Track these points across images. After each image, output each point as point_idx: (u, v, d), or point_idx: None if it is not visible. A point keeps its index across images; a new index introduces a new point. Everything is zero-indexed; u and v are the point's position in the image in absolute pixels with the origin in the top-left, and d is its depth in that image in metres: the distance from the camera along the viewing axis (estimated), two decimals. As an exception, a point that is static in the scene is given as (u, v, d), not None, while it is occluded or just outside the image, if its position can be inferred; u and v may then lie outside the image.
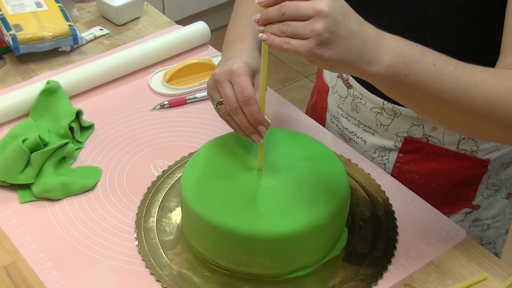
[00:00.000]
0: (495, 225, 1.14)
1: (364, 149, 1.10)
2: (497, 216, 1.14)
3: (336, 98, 1.12)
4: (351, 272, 0.88)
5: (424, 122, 1.02)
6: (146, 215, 0.96)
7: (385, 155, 1.08)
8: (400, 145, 1.06)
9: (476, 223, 1.12)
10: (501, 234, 1.18)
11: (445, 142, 1.03)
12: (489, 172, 1.06)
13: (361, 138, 1.10)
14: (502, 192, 1.11)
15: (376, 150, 1.09)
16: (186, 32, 1.30)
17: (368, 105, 1.05)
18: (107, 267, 0.89)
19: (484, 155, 1.04)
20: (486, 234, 1.14)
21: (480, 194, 1.09)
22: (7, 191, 1.00)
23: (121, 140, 1.10)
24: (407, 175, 1.08)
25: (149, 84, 1.22)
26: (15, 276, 0.88)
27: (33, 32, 1.24)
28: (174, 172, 1.03)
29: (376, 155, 1.09)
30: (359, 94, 1.06)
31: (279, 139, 0.95)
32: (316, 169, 0.90)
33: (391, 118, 1.04)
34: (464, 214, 1.10)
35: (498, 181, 1.09)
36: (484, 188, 1.08)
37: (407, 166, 1.07)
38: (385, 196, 0.99)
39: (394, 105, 1.02)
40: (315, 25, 0.70)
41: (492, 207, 1.12)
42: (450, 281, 0.88)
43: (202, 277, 0.87)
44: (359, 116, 1.08)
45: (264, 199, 0.86)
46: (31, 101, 1.13)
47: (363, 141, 1.10)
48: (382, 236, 0.93)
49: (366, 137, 1.09)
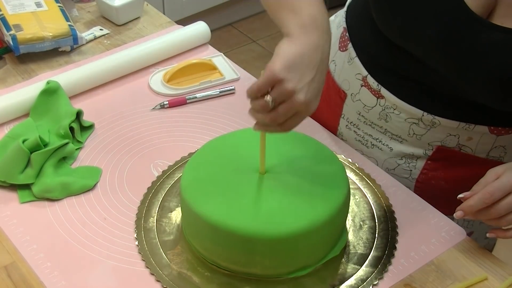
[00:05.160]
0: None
1: (390, 156, 1.08)
2: None
3: (358, 106, 1.08)
4: (351, 272, 0.88)
5: (461, 132, 1.00)
6: (146, 215, 0.96)
7: (412, 162, 1.06)
8: (430, 153, 1.04)
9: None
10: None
11: (477, 151, 1.02)
12: None
13: (387, 145, 1.07)
14: None
15: (403, 157, 1.06)
16: (186, 32, 1.30)
17: (403, 115, 1.02)
18: (107, 267, 0.89)
19: (510, 159, 1.03)
20: None
21: None
22: (7, 191, 1.00)
23: (121, 140, 1.10)
24: (432, 180, 1.06)
25: (149, 84, 1.22)
26: (15, 276, 0.88)
27: (33, 32, 1.24)
28: (174, 172, 1.03)
29: (402, 161, 1.07)
30: (392, 105, 1.02)
31: (279, 139, 0.95)
32: (316, 169, 0.90)
33: (427, 128, 1.01)
34: None
35: None
36: None
37: (434, 173, 1.06)
38: (385, 196, 0.99)
39: (434, 117, 0.99)
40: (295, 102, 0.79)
41: None
42: (450, 281, 0.88)
43: (202, 277, 0.87)
44: (388, 125, 1.05)
45: (264, 199, 0.86)
46: (31, 101, 1.13)
47: (389, 148, 1.07)
48: (382, 236, 0.93)
49: (393, 145, 1.06)
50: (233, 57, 1.37)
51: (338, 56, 1.11)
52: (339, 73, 1.11)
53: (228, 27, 3.09)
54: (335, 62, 1.12)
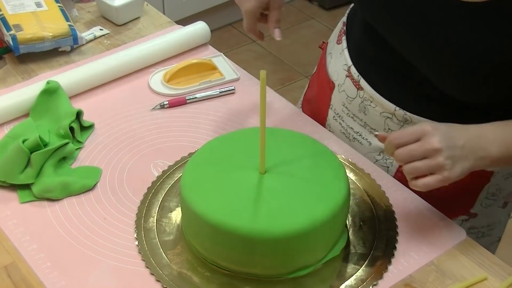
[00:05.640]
0: (490, 233, 1.15)
1: (369, 150, 1.10)
2: (492, 224, 1.14)
3: (343, 97, 1.11)
4: (351, 272, 0.88)
5: None
6: (146, 215, 0.96)
7: (389, 158, 1.07)
8: None
9: (472, 230, 1.12)
10: (494, 242, 1.18)
11: None
12: (491, 182, 1.06)
13: (366, 139, 1.09)
14: (499, 201, 1.11)
15: (381, 153, 1.08)
16: (186, 32, 1.30)
17: (378, 109, 1.04)
18: (107, 267, 0.89)
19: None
20: (480, 241, 1.11)
21: (479, 204, 1.09)
22: (7, 191, 1.00)
23: (121, 140, 1.10)
24: None
25: (149, 84, 1.22)
26: (15, 276, 0.88)
27: (33, 32, 1.24)
28: (174, 172, 1.03)
29: (380, 157, 1.09)
30: (369, 97, 1.05)
31: (279, 139, 0.95)
32: (316, 169, 0.90)
33: (400, 124, 1.03)
34: (460, 221, 1.10)
35: (497, 191, 1.08)
36: (483, 198, 1.08)
37: None
38: (385, 196, 0.99)
39: (406, 112, 1.01)
40: (435, 161, 0.84)
41: (489, 215, 1.12)
42: (450, 281, 0.88)
43: (202, 277, 0.87)
44: (367, 118, 1.07)
45: (264, 199, 0.86)
46: (31, 101, 1.13)
47: (368, 142, 1.09)
48: (382, 236, 0.93)
49: (372, 139, 1.09)
50: (233, 57, 1.37)
51: (335, 49, 1.14)
52: (332, 65, 1.14)
53: (228, 27, 3.09)
54: (332, 54, 1.15)
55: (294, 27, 3.11)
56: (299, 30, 3.12)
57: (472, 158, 0.86)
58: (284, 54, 2.95)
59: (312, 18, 3.21)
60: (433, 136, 0.84)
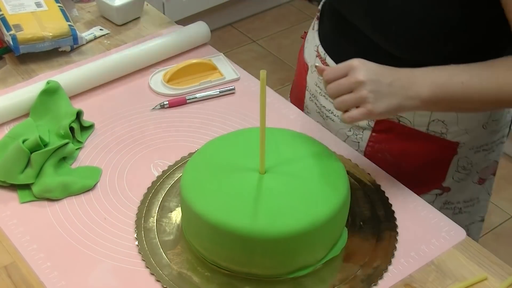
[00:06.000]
0: (467, 209, 1.17)
1: (340, 127, 1.13)
2: (469, 201, 1.16)
3: (315, 77, 1.16)
4: (351, 272, 0.88)
5: None
6: (146, 215, 0.96)
7: (359, 134, 1.11)
8: (373, 124, 1.09)
9: (447, 205, 1.15)
10: (476, 221, 1.21)
11: (415, 123, 1.06)
12: (459, 155, 1.09)
13: (337, 116, 1.13)
14: (473, 176, 1.14)
15: (351, 129, 1.12)
16: (186, 32, 1.30)
17: None
18: (107, 267, 0.89)
19: (453, 137, 1.07)
20: (457, 218, 1.16)
21: (450, 177, 1.12)
22: (7, 191, 1.00)
23: (121, 140, 1.10)
24: (379, 154, 1.11)
25: (149, 84, 1.22)
26: (15, 276, 0.88)
27: (33, 32, 1.24)
28: (174, 172, 1.03)
29: (350, 133, 1.12)
30: None
31: (279, 139, 0.95)
32: (316, 169, 0.90)
33: None
34: (434, 195, 1.13)
35: (468, 165, 1.11)
36: (454, 171, 1.11)
37: (380, 145, 1.10)
38: (385, 196, 0.99)
39: None
40: (360, 93, 0.87)
41: (464, 191, 1.15)
42: (450, 281, 0.88)
43: (202, 277, 0.87)
44: None
45: (264, 199, 0.86)
46: (31, 101, 1.13)
47: (339, 119, 1.12)
48: (382, 236, 0.93)
49: None
50: (233, 57, 1.37)
51: (310, 34, 1.20)
52: (307, 49, 1.20)
53: (228, 27, 3.09)
54: (308, 40, 1.20)
55: (294, 27, 3.11)
56: (299, 30, 3.12)
57: (400, 96, 0.88)
58: (284, 54, 2.95)
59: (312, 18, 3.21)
60: (359, 70, 0.88)
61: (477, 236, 1.23)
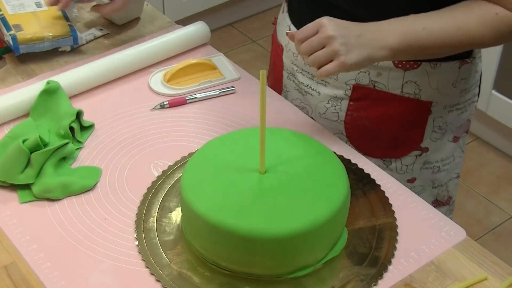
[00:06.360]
0: (445, 167, 1.21)
1: (319, 100, 1.18)
2: (446, 159, 1.21)
3: (290, 55, 1.20)
4: (351, 272, 0.88)
5: (370, 68, 1.10)
6: (146, 215, 0.96)
7: (337, 105, 1.16)
8: (349, 93, 1.14)
9: (427, 165, 1.20)
10: (452, 178, 1.25)
11: (390, 87, 1.11)
12: (434, 114, 1.14)
13: (316, 90, 1.17)
14: (449, 135, 1.19)
15: (329, 101, 1.16)
16: (186, 32, 1.30)
17: None
18: (107, 267, 0.89)
19: (427, 97, 1.12)
20: (437, 176, 1.22)
21: (427, 137, 1.17)
22: (7, 191, 1.00)
23: (121, 140, 1.10)
24: (358, 121, 1.16)
25: (149, 84, 1.22)
26: (15, 276, 0.88)
27: (33, 32, 1.24)
28: (174, 172, 1.03)
29: (329, 105, 1.17)
30: None
31: (279, 139, 0.95)
32: (316, 169, 0.90)
33: None
34: (414, 157, 1.18)
35: (443, 124, 1.17)
36: (431, 131, 1.16)
37: (358, 113, 1.15)
38: (385, 196, 0.99)
39: None
40: (331, 47, 0.93)
41: (441, 150, 1.20)
42: (450, 281, 0.88)
43: (202, 277, 0.87)
44: (312, 69, 1.15)
45: (264, 199, 0.86)
46: (31, 101, 1.13)
47: (318, 93, 1.17)
48: (382, 236, 0.93)
49: (320, 89, 1.17)
50: (233, 57, 1.38)
51: (281, 17, 1.24)
52: (279, 31, 1.24)
53: (228, 27, 3.09)
54: (279, 23, 1.25)
55: (294, 27, 3.11)
56: (299, 30, 3.12)
57: (369, 47, 0.95)
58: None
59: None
60: (328, 26, 0.93)
61: (455, 192, 1.27)
